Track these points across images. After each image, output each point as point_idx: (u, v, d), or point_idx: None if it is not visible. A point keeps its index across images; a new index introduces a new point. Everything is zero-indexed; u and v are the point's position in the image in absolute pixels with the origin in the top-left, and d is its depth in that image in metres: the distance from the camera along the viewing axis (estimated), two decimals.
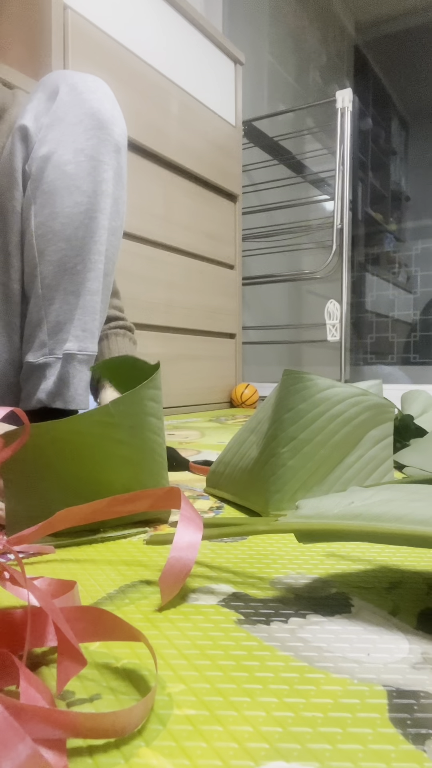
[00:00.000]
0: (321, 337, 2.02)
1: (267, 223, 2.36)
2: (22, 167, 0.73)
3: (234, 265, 2.00)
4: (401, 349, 2.88)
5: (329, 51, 2.98)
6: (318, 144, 2.53)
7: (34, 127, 0.73)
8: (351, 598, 0.36)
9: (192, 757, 0.22)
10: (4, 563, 0.28)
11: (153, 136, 1.56)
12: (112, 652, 0.30)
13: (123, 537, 0.49)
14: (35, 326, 0.74)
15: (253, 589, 0.38)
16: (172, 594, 0.35)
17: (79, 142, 0.71)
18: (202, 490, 0.69)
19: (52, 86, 0.74)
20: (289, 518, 0.38)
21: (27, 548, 0.40)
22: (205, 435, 1.22)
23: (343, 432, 0.57)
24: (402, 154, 3.18)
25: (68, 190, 0.71)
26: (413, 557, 0.44)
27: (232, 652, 0.30)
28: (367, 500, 0.37)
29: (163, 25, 1.60)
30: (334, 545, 0.47)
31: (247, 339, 2.32)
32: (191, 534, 0.37)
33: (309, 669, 0.28)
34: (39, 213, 0.72)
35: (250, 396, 1.97)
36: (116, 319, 0.89)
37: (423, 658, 0.29)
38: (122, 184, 0.76)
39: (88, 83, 0.73)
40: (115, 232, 0.76)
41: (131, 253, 1.52)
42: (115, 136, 0.73)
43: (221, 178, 1.87)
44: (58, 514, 0.38)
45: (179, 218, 1.70)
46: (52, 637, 0.27)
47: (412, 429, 0.90)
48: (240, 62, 1.96)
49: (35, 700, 0.22)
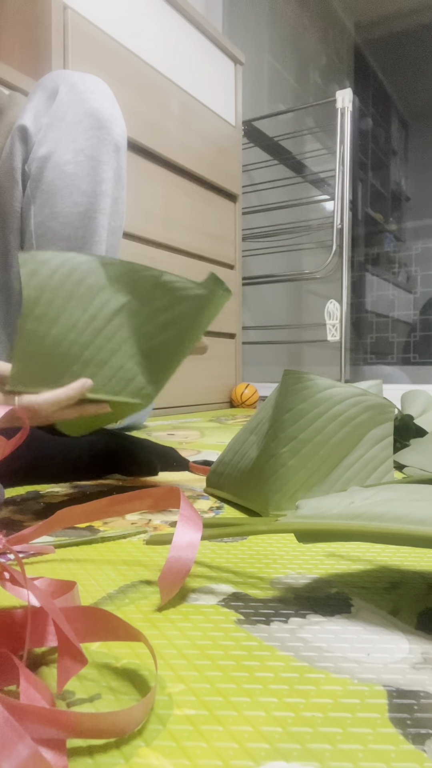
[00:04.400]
0: (321, 337, 2.02)
1: (267, 223, 2.36)
2: (21, 167, 0.73)
3: (234, 265, 2.00)
4: (401, 349, 2.88)
5: (329, 51, 2.98)
6: (318, 144, 2.53)
7: (34, 127, 0.73)
8: (351, 598, 0.36)
9: (192, 757, 0.22)
10: (4, 563, 0.28)
11: (153, 136, 1.56)
12: (112, 652, 0.30)
13: (123, 537, 0.49)
14: None
15: (253, 589, 0.38)
16: (172, 593, 0.35)
17: (79, 142, 0.71)
18: (202, 490, 0.69)
19: (52, 86, 0.73)
20: (289, 518, 0.38)
21: (27, 548, 0.40)
22: (205, 435, 1.22)
23: (343, 432, 0.57)
24: (402, 154, 3.18)
25: (68, 190, 0.71)
26: (413, 557, 0.44)
27: (232, 652, 0.30)
28: (367, 500, 0.37)
29: (164, 25, 1.60)
30: (334, 545, 0.47)
31: (247, 339, 2.32)
32: (191, 533, 0.37)
33: (309, 669, 0.28)
34: (38, 213, 0.72)
35: (250, 396, 1.97)
36: None
37: (423, 658, 0.29)
38: (122, 184, 0.76)
39: (88, 83, 0.73)
40: (115, 233, 0.76)
41: (131, 253, 1.52)
42: (115, 136, 0.73)
43: (221, 178, 1.87)
44: (58, 513, 0.38)
45: (179, 218, 1.70)
46: (52, 637, 0.27)
47: (412, 429, 0.90)
48: (240, 62, 1.96)
49: (35, 700, 0.22)
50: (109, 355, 0.52)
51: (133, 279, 0.52)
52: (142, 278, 0.52)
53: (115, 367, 0.52)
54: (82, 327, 0.50)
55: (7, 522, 0.53)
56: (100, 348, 0.51)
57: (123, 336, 0.52)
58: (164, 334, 0.54)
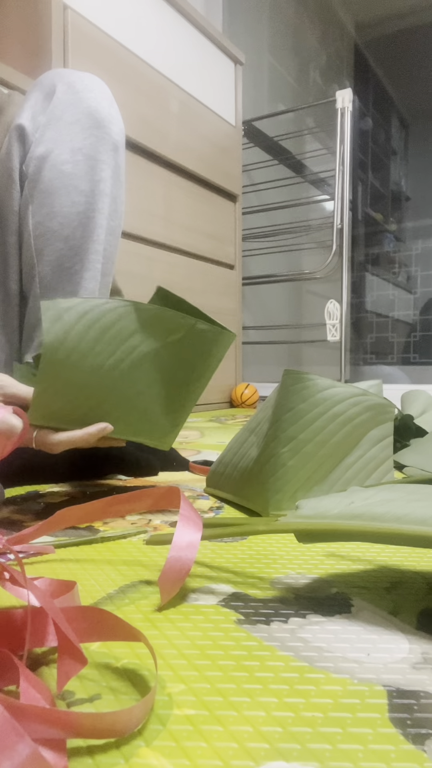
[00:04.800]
0: (321, 337, 2.02)
1: (267, 223, 2.36)
2: (19, 167, 0.73)
3: (234, 265, 2.00)
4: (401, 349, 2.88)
5: (329, 51, 2.98)
6: (318, 144, 2.53)
7: (31, 126, 0.73)
8: (351, 598, 0.36)
9: (192, 757, 0.22)
10: (4, 563, 0.28)
11: (153, 135, 1.56)
12: (112, 652, 0.30)
13: (123, 537, 0.49)
14: (34, 326, 0.74)
15: (253, 589, 0.38)
16: (172, 593, 0.35)
17: (77, 141, 0.71)
18: (202, 490, 0.69)
19: (49, 85, 0.73)
20: (289, 518, 0.38)
21: (27, 548, 0.40)
22: (205, 435, 1.22)
23: (343, 432, 0.57)
24: (402, 154, 3.18)
25: (66, 189, 0.71)
26: (413, 557, 0.44)
27: (232, 652, 0.30)
28: (367, 500, 0.37)
29: (163, 24, 1.60)
30: (334, 545, 0.47)
31: (247, 339, 2.32)
32: (191, 533, 0.37)
33: (309, 669, 0.28)
34: (36, 213, 0.72)
35: (250, 396, 1.97)
36: None
37: (423, 658, 0.29)
38: (120, 183, 0.76)
39: (86, 82, 0.73)
40: (114, 232, 0.76)
41: (131, 253, 1.52)
42: (113, 135, 0.73)
43: (221, 178, 1.87)
44: (58, 513, 0.38)
45: (179, 218, 1.70)
46: (52, 637, 0.27)
47: (412, 429, 0.89)
48: (240, 62, 1.96)
49: (35, 700, 0.22)
50: (135, 398, 0.52)
51: (166, 325, 0.52)
52: (177, 325, 0.52)
53: (140, 409, 0.52)
54: (108, 370, 0.50)
55: (7, 522, 0.53)
56: (126, 391, 0.51)
57: (151, 379, 0.52)
58: (191, 378, 0.54)
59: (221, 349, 0.55)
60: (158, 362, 0.52)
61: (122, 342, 0.50)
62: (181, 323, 0.52)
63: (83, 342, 0.49)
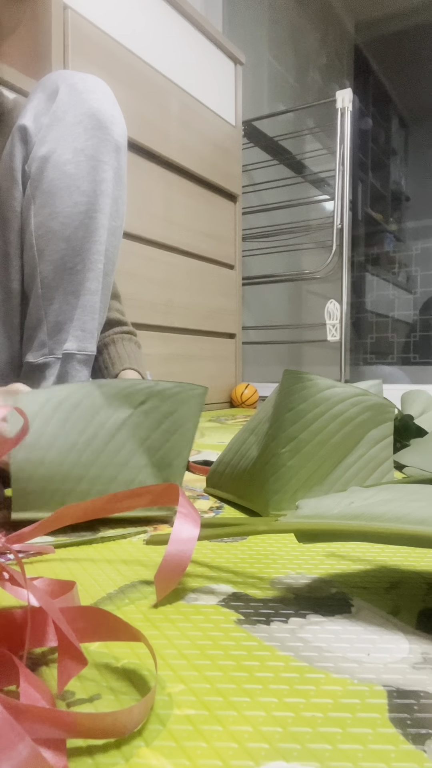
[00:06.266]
0: (321, 337, 2.02)
1: (267, 223, 2.36)
2: (21, 167, 0.73)
3: (234, 265, 2.00)
4: (401, 349, 2.88)
5: (329, 51, 2.98)
6: (318, 144, 2.53)
7: (34, 127, 0.73)
8: (351, 598, 0.36)
9: (192, 757, 0.22)
10: (4, 563, 0.28)
11: (153, 136, 1.56)
12: (112, 652, 0.30)
13: (123, 537, 0.49)
14: (35, 326, 0.74)
15: (253, 589, 0.38)
16: (169, 589, 0.35)
17: (79, 142, 0.71)
18: (202, 490, 0.69)
19: (52, 86, 0.73)
20: (289, 518, 0.38)
21: (27, 548, 0.40)
22: (205, 435, 1.22)
23: (343, 432, 0.57)
24: (402, 154, 3.18)
25: (68, 190, 0.71)
26: (413, 557, 0.44)
27: (232, 652, 0.30)
28: (367, 500, 0.37)
29: (163, 25, 1.60)
30: (334, 545, 0.47)
31: (247, 339, 2.32)
32: (188, 529, 0.37)
33: (309, 669, 0.28)
34: (38, 213, 0.72)
35: (250, 396, 1.97)
36: (120, 323, 0.89)
37: (423, 658, 0.29)
38: (122, 184, 0.76)
39: (88, 83, 0.73)
40: (115, 232, 0.76)
41: (131, 253, 1.52)
42: (115, 136, 0.73)
43: (221, 178, 1.87)
44: (58, 512, 0.38)
45: (179, 218, 1.70)
46: (52, 637, 0.27)
47: (412, 429, 0.89)
48: (240, 62, 1.96)
49: (35, 700, 0.22)
50: (118, 469, 0.52)
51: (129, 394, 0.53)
52: (138, 392, 0.53)
53: (126, 480, 0.52)
54: (82, 447, 0.51)
55: (7, 522, 0.53)
56: (106, 464, 0.52)
57: (130, 449, 0.53)
58: (170, 440, 0.54)
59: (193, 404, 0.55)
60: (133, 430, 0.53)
61: (91, 417, 0.52)
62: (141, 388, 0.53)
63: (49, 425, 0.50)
